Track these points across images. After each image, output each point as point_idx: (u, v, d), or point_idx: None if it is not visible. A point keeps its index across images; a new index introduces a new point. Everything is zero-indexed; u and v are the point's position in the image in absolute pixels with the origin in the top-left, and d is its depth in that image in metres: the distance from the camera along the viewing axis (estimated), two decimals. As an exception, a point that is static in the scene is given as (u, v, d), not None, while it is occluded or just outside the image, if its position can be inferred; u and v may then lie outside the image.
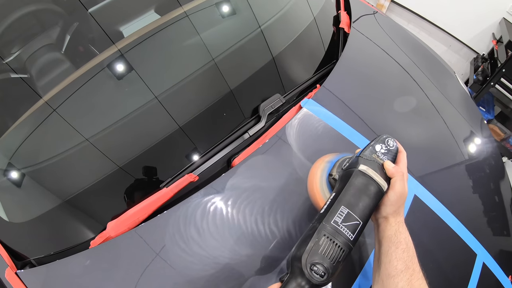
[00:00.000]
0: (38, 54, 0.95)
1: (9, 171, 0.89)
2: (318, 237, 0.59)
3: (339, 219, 0.61)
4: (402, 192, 0.66)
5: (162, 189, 0.82)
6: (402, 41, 1.47)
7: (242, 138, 0.94)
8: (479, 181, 1.15)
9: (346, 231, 0.60)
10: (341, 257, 0.59)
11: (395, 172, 0.67)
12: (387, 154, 0.71)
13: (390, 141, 0.72)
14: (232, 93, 1.00)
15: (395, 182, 0.66)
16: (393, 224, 0.66)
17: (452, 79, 1.52)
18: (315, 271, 0.57)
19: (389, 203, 0.66)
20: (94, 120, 0.91)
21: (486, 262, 0.98)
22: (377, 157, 0.70)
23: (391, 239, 0.64)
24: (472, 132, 1.29)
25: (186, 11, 1.03)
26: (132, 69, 0.93)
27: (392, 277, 0.61)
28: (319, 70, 1.15)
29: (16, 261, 0.83)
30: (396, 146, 0.72)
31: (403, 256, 0.62)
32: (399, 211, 0.67)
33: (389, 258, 0.63)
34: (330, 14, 1.35)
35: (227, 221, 0.80)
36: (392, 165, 0.68)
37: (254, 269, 0.76)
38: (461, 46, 3.17)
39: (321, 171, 0.85)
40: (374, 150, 0.70)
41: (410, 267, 0.61)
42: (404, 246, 0.63)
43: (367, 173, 0.66)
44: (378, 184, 0.65)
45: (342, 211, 0.61)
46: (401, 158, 0.72)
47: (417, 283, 0.61)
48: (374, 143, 0.72)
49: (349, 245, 0.59)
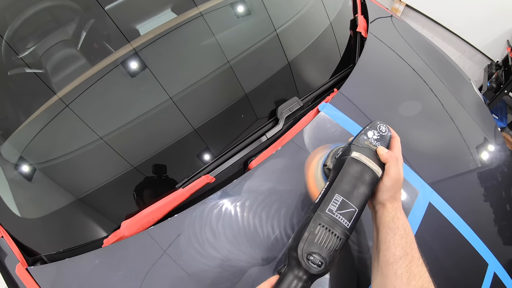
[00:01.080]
0: (53, 50, 0.96)
1: (24, 166, 0.89)
2: (313, 227, 0.59)
3: (334, 207, 0.60)
4: (397, 177, 0.66)
5: (178, 190, 0.82)
6: (418, 46, 1.45)
7: (260, 140, 0.93)
8: (491, 189, 1.14)
9: (342, 219, 0.60)
10: (338, 246, 0.58)
11: (388, 157, 0.66)
12: (380, 140, 0.71)
13: (382, 126, 0.72)
14: (249, 95, 0.99)
15: (389, 167, 0.66)
16: (390, 210, 0.65)
17: (467, 86, 1.50)
18: (312, 260, 0.56)
19: (384, 188, 0.66)
20: (109, 118, 0.91)
21: (497, 272, 0.96)
22: (370, 143, 0.69)
23: (389, 225, 0.63)
24: (486, 139, 1.27)
25: (202, 11, 1.03)
26: (147, 68, 0.93)
27: (390, 264, 0.60)
28: (336, 74, 1.14)
29: (27, 257, 0.83)
30: (388, 132, 0.72)
31: (401, 242, 0.61)
32: (395, 197, 0.66)
33: (387, 244, 0.62)
34: (347, 18, 1.34)
35: (243, 224, 0.79)
36: (386, 150, 0.68)
37: (270, 273, 0.75)
38: (475, 52, 3.14)
39: (315, 163, 0.86)
40: (367, 137, 0.70)
41: (409, 253, 0.60)
42: (402, 232, 0.62)
43: (360, 159, 0.66)
44: (372, 170, 0.65)
45: (336, 199, 0.61)
46: (395, 143, 0.72)
47: (416, 269, 0.59)
48: (366, 130, 0.71)
49: (345, 233, 0.59)
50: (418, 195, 0.94)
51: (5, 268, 0.83)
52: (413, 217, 0.90)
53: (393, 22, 1.48)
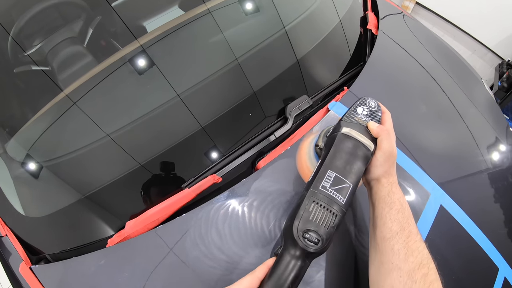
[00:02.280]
0: (59, 47, 0.95)
1: (28, 164, 0.88)
2: (307, 204, 0.58)
3: (327, 184, 0.60)
4: (390, 151, 0.65)
5: (184, 190, 0.80)
6: (430, 44, 1.43)
7: (268, 140, 0.92)
8: (503, 191, 1.12)
9: (336, 195, 0.59)
10: (335, 222, 0.57)
11: (380, 131, 0.66)
12: (370, 115, 0.70)
13: (371, 102, 0.72)
14: (257, 93, 0.97)
15: (381, 142, 0.66)
16: (386, 185, 0.64)
17: (479, 85, 1.48)
18: (308, 238, 0.56)
19: (378, 163, 0.65)
20: (116, 115, 0.90)
21: (508, 277, 0.95)
22: (360, 119, 0.69)
23: (385, 200, 0.63)
24: (497, 139, 1.25)
25: (210, 8, 1.01)
26: (154, 65, 0.91)
27: (387, 239, 0.59)
28: (346, 72, 1.12)
29: (31, 256, 0.83)
30: (378, 106, 0.72)
31: (398, 217, 0.60)
32: (390, 172, 0.66)
33: (383, 220, 0.61)
34: (357, 15, 1.32)
35: (250, 226, 0.78)
36: (376, 124, 0.68)
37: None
38: (486, 51, 3.12)
39: (308, 144, 0.85)
40: (356, 113, 0.70)
41: (406, 228, 0.59)
42: (399, 207, 0.61)
43: (350, 134, 0.66)
44: (364, 145, 0.65)
45: (329, 175, 0.61)
46: (386, 118, 0.71)
47: (414, 245, 0.58)
48: (356, 106, 0.72)
49: (341, 209, 0.58)
50: (429, 197, 0.93)
51: (9, 266, 0.83)
52: (424, 220, 0.89)
53: (404, 20, 1.47)
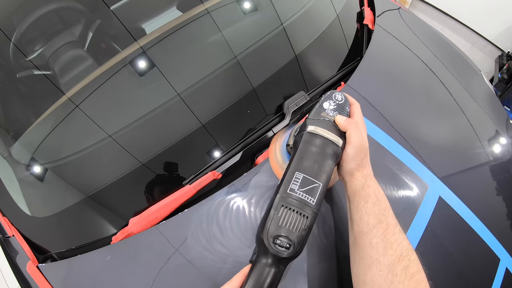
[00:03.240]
0: (61, 51, 0.97)
1: (33, 166, 0.90)
2: (276, 209, 0.57)
3: (295, 186, 0.59)
4: (360, 143, 0.64)
5: (185, 186, 0.82)
6: (427, 38, 1.43)
7: (266, 136, 0.92)
8: (504, 183, 1.12)
9: (306, 196, 0.58)
10: (306, 225, 0.57)
11: (347, 125, 0.65)
12: (338, 109, 0.68)
13: (337, 95, 0.70)
14: (256, 90, 0.98)
15: (350, 135, 0.64)
16: (359, 178, 0.63)
17: (477, 77, 1.48)
18: (279, 244, 0.55)
19: (349, 158, 0.64)
20: (117, 116, 0.91)
21: (509, 267, 0.95)
22: (327, 114, 0.67)
23: (359, 193, 0.61)
24: (497, 132, 1.25)
25: (208, 8, 1.03)
26: (154, 66, 0.93)
27: (364, 234, 0.58)
28: (343, 67, 1.13)
29: (38, 255, 0.84)
30: (345, 99, 0.70)
31: (374, 210, 0.59)
32: (363, 164, 0.64)
33: (359, 214, 0.60)
34: (354, 10, 1.33)
35: (250, 220, 0.79)
36: (344, 118, 0.66)
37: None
38: (485, 43, 3.10)
39: (279, 144, 0.84)
40: (322, 109, 0.68)
41: (383, 221, 0.58)
42: (374, 200, 0.60)
43: (316, 132, 0.64)
44: (331, 141, 0.63)
45: (297, 177, 0.60)
46: (354, 110, 0.69)
47: (393, 237, 0.57)
48: (322, 101, 0.70)
49: (312, 210, 0.57)
50: (427, 189, 0.93)
51: (16, 266, 0.84)
52: (422, 212, 0.89)
53: (401, 14, 1.47)
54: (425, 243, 0.85)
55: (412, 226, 0.86)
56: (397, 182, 0.91)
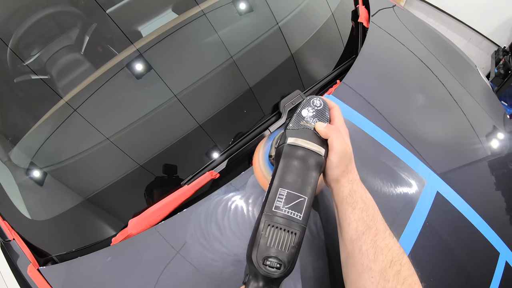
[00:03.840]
0: (58, 56, 0.97)
1: (32, 170, 0.90)
2: (263, 229, 0.56)
3: (280, 203, 0.57)
4: (343, 150, 0.62)
5: (183, 187, 0.82)
6: (422, 35, 1.44)
7: (263, 135, 0.93)
8: (502, 178, 1.12)
9: (292, 212, 0.56)
10: (295, 242, 0.55)
11: (328, 132, 0.63)
12: (317, 115, 0.66)
13: (316, 100, 0.68)
14: (252, 90, 0.99)
15: (332, 142, 0.62)
16: (346, 185, 0.61)
17: (473, 73, 1.49)
18: (269, 265, 0.54)
19: (333, 165, 0.62)
20: (115, 119, 0.92)
21: (509, 261, 0.96)
22: (306, 122, 0.65)
23: (347, 200, 0.60)
24: (495, 127, 1.26)
25: (204, 9, 1.03)
26: (151, 68, 0.93)
27: (354, 240, 0.58)
28: (339, 65, 1.14)
29: (39, 258, 0.84)
30: (324, 104, 0.68)
31: (362, 216, 0.58)
32: (348, 170, 0.62)
33: (348, 221, 0.59)
34: (348, 9, 1.34)
35: (248, 219, 0.79)
36: (324, 125, 0.64)
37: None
38: (481, 39, 3.11)
39: (262, 155, 0.83)
40: (301, 117, 0.66)
41: (372, 227, 0.57)
42: (362, 205, 0.59)
43: (296, 144, 0.62)
44: (313, 152, 0.61)
45: (281, 193, 0.58)
46: (335, 114, 0.67)
47: (383, 243, 0.56)
48: (300, 109, 0.67)
49: (300, 225, 0.56)
50: (425, 185, 0.94)
51: (17, 269, 0.84)
52: (420, 207, 0.90)
53: (396, 12, 1.48)
54: (424, 238, 0.85)
55: (410, 222, 0.86)
56: (394, 178, 0.92)
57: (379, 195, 0.88)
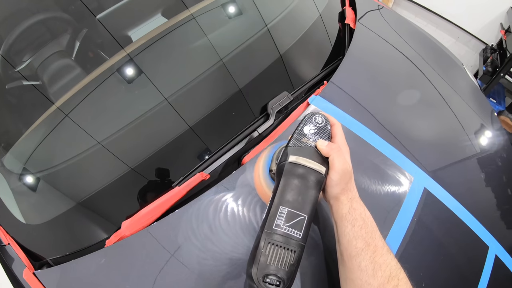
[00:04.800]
0: (49, 61, 0.97)
1: (25, 175, 0.91)
2: (264, 247, 0.56)
3: (280, 221, 0.58)
4: (344, 169, 0.62)
5: (174, 188, 0.84)
6: (409, 35, 1.46)
7: (252, 136, 0.95)
8: (491, 174, 1.15)
9: (292, 230, 0.57)
10: (294, 259, 0.56)
11: (329, 150, 0.63)
12: (319, 133, 0.67)
13: (318, 117, 0.67)
14: (241, 92, 1.00)
15: (333, 161, 0.62)
16: (345, 202, 0.62)
17: (460, 71, 1.51)
18: (269, 283, 0.55)
19: (333, 183, 0.63)
20: (106, 123, 0.93)
21: (499, 254, 0.98)
22: (308, 139, 0.65)
23: (346, 218, 0.61)
24: (482, 125, 1.28)
25: (193, 13, 1.04)
26: (142, 72, 0.94)
27: (353, 257, 0.59)
28: (326, 66, 1.15)
29: (34, 262, 0.85)
30: (325, 121, 0.67)
31: (362, 234, 0.59)
32: (348, 187, 0.63)
33: (347, 238, 0.60)
34: (336, 11, 1.36)
35: (238, 218, 0.81)
36: (325, 143, 0.64)
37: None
38: (469, 37, 3.14)
39: (262, 168, 0.83)
40: (303, 134, 0.66)
41: (371, 244, 0.59)
42: (361, 223, 0.60)
43: (298, 162, 0.62)
44: (314, 170, 0.62)
45: (281, 211, 0.58)
46: (336, 131, 0.68)
47: (381, 259, 0.58)
48: (302, 125, 0.67)
49: (299, 244, 0.57)
50: (412, 181, 0.95)
51: (13, 273, 0.85)
52: (408, 203, 0.92)
53: (383, 13, 1.50)
54: (412, 234, 0.87)
55: (398, 218, 0.88)
56: (382, 176, 0.93)
57: (367, 193, 0.90)
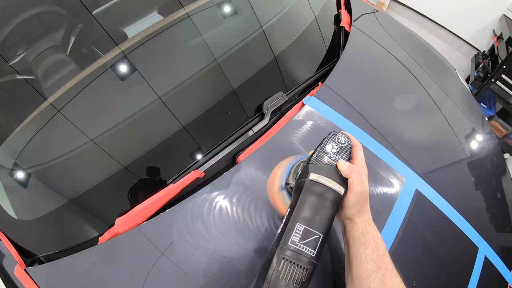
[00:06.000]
0: (43, 56, 0.96)
1: (17, 171, 0.90)
2: (277, 262, 0.56)
3: (296, 238, 0.58)
4: (362, 191, 0.63)
5: (169, 185, 0.84)
6: (402, 39, 1.48)
7: (247, 135, 0.95)
8: (481, 178, 1.16)
9: (306, 248, 0.57)
10: (306, 277, 0.56)
11: (350, 172, 0.63)
12: (340, 152, 0.66)
13: (341, 137, 0.67)
14: (236, 91, 1.01)
15: (352, 183, 0.63)
16: (359, 224, 0.63)
17: (452, 76, 1.53)
18: None
19: (350, 205, 0.64)
20: (99, 120, 0.92)
21: (488, 255, 0.99)
22: (330, 158, 0.65)
23: (359, 240, 0.62)
24: (473, 129, 1.30)
25: (188, 12, 1.04)
26: (136, 70, 0.94)
27: (364, 278, 0.60)
28: (321, 68, 1.16)
29: (25, 259, 0.84)
30: (348, 142, 0.67)
31: (373, 256, 0.60)
32: (363, 210, 0.64)
33: (358, 259, 0.61)
34: (331, 13, 1.37)
35: (232, 216, 0.81)
36: (346, 164, 0.64)
37: (260, 262, 0.76)
38: (461, 43, 3.18)
39: (278, 180, 0.84)
40: (325, 152, 0.66)
41: (382, 267, 0.60)
42: (373, 246, 0.61)
43: (319, 181, 0.62)
44: (333, 190, 0.62)
45: (298, 228, 0.58)
46: (357, 152, 0.68)
47: (390, 282, 0.59)
48: (324, 143, 0.67)
49: (312, 262, 0.57)
50: (404, 182, 0.97)
51: (3, 270, 0.84)
52: (400, 204, 0.93)
53: (377, 16, 1.51)
54: (404, 235, 0.88)
55: (390, 218, 0.89)
56: (375, 177, 0.94)
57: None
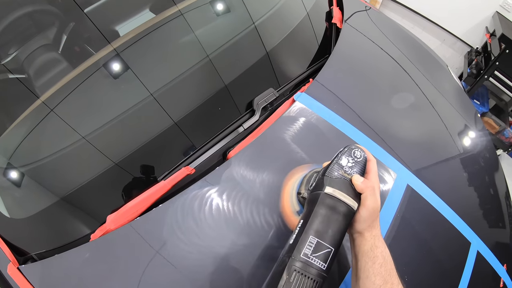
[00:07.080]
0: (35, 55, 0.96)
1: (10, 169, 0.90)
2: (288, 274, 0.56)
3: (308, 251, 0.58)
4: (374, 207, 0.64)
5: (160, 182, 0.84)
6: (395, 36, 1.48)
7: (237, 131, 0.96)
8: (474, 174, 1.17)
9: (318, 261, 0.57)
10: None
11: (364, 188, 0.64)
12: (355, 166, 0.67)
13: (356, 152, 0.67)
14: (227, 88, 1.01)
15: (365, 198, 0.64)
16: (369, 239, 0.64)
17: (445, 73, 1.54)
18: None
19: (362, 219, 0.64)
20: (92, 118, 0.92)
21: (481, 250, 1.00)
22: (344, 172, 0.65)
23: (368, 254, 0.63)
24: (466, 126, 1.30)
25: (181, 9, 1.05)
26: (128, 67, 0.94)
27: None
28: (312, 64, 1.17)
29: (18, 257, 0.84)
30: (364, 156, 0.68)
31: (381, 271, 0.61)
32: (373, 225, 0.65)
33: (366, 273, 0.62)
34: (323, 10, 1.37)
35: (223, 212, 0.82)
36: (361, 179, 0.65)
37: (251, 258, 0.78)
38: (455, 40, 3.19)
39: (290, 188, 0.84)
40: (340, 165, 0.66)
41: (389, 281, 0.61)
42: (381, 261, 0.62)
43: (334, 195, 0.63)
44: (347, 205, 0.62)
45: (311, 241, 0.59)
46: (371, 167, 0.68)
47: None
48: (339, 157, 0.67)
49: (322, 275, 0.57)
50: (395, 178, 0.97)
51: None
52: (391, 199, 0.93)
53: (369, 13, 1.51)
54: (395, 230, 0.89)
55: (381, 214, 0.88)
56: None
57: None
